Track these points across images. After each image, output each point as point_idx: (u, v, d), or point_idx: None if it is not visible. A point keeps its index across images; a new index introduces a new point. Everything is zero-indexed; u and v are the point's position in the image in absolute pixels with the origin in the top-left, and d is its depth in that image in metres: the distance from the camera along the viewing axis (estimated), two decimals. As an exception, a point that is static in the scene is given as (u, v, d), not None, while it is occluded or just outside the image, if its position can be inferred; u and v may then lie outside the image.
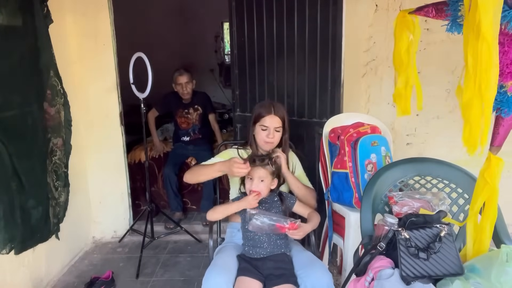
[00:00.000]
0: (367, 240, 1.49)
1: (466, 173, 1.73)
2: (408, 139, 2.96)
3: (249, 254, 1.76)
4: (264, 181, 1.77)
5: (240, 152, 2.02)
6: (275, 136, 1.94)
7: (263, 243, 1.74)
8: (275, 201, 1.85)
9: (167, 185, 3.28)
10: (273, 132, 1.93)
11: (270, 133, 1.92)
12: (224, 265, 1.66)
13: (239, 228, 1.89)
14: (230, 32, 2.70)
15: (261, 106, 1.99)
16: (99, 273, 2.52)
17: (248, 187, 1.78)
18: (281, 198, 1.86)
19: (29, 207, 2.18)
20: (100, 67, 2.86)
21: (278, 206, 1.84)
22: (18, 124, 2.13)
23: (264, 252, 1.74)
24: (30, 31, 2.23)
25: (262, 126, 1.93)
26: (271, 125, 1.92)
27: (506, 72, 1.28)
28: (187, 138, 3.46)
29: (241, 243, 1.84)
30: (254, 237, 1.76)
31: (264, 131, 1.93)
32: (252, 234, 1.75)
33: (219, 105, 4.66)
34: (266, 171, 1.78)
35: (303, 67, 2.49)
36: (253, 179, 1.77)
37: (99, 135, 2.95)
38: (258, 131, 1.95)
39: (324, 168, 2.27)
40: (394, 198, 1.64)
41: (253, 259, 1.73)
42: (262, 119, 1.94)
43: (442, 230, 1.39)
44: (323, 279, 1.58)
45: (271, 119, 1.93)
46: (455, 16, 1.33)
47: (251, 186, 1.77)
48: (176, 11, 5.12)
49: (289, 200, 1.88)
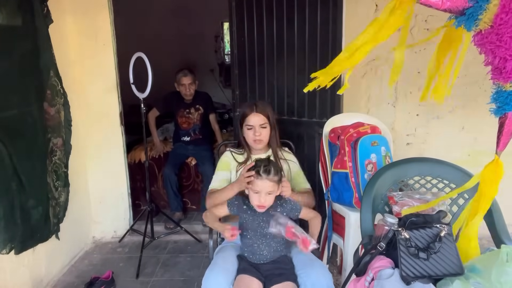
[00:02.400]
0: (367, 240, 1.49)
1: (466, 173, 1.73)
2: (408, 139, 2.96)
3: (249, 258, 1.74)
4: (271, 193, 1.69)
5: (234, 156, 2.04)
6: (262, 133, 1.96)
7: (262, 251, 1.72)
8: (278, 211, 1.72)
9: (167, 185, 3.29)
10: (259, 130, 1.95)
11: (256, 131, 1.94)
12: (224, 264, 1.66)
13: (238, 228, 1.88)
14: (230, 32, 2.70)
15: (244, 106, 2.03)
16: (99, 273, 2.51)
17: (256, 202, 1.68)
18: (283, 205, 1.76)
19: (29, 207, 2.18)
20: (100, 67, 2.86)
21: (280, 211, 1.74)
22: (18, 124, 2.13)
23: (264, 259, 1.72)
24: (30, 31, 2.23)
25: (248, 126, 1.96)
26: (255, 123, 1.95)
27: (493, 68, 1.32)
28: (187, 138, 3.46)
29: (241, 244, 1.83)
30: (253, 245, 1.72)
31: (250, 130, 1.96)
32: (251, 241, 1.73)
33: (219, 105, 4.66)
34: (272, 184, 1.67)
35: (303, 67, 2.49)
36: (260, 193, 1.67)
37: (99, 135, 2.95)
38: (245, 131, 1.99)
39: (324, 168, 2.26)
40: (394, 198, 1.64)
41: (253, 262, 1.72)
42: (246, 118, 1.97)
43: (442, 230, 1.39)
44: (323, 279, 1.58)
45: (254, 117, 1.95)
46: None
47: (259, 201, 1.67)
48: (176, 11, 5.11)
49: (294, 212, 1.76)
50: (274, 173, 1.66)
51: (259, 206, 1.67)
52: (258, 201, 1.67)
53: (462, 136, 2.90)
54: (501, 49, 1.30)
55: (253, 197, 1.69)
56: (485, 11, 1.29)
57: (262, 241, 1.71)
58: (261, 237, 1.71)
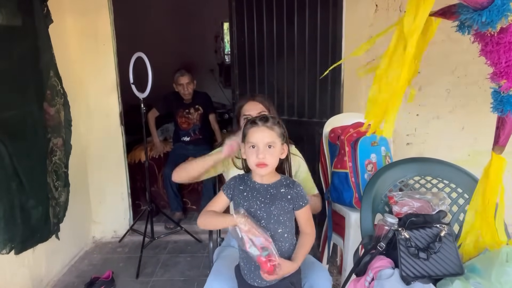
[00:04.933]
0: (367, 240, 1.49)
1: (466, 173, 1.73)
2: (408, 139, 2.96)
3: (247, 278, 1.41)
4: (273, 147, 1.35)
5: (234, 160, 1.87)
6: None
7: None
8: (281, 192, 1.40)
9: (167, 185, 3.29)
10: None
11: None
12: (225, 271, 1.56)
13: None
14: (230, 32, 2.71)
15: (240, 99, 1.87)
16: (99, 273, 2.52)
17: (253, 159, 1.34)
18: (288, 189, 1.41)
19: (29, 207, 2.18)
20: (100, 67, 2.86)
21: (284, 199, 1.39)
22: (18, 124, 2.12)
23: (266, 282, 1.36)
24: (30, 31, 2.23)
25: (244, 116, 1.78)
26: (253, 111, 1.75)
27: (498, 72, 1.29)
28: (187, 138, 3.46)
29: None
30: (251, 261, 1.35)
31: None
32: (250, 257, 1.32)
33: (219, 105, 4.66)
34: (272, 133, 1.35)
35: (303, 67, 2.49)
36: (257, 145, 1.34)
37: (99, 135, 2.95)
38: (242, 125, 1.69)
39: (324, 168, 2.27)
40: (394, 198, 1.64)
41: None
42: (242, 109, 1.81)
43: (442, 230, 1.39)
44: (322, 281, 1.56)
45: (250, 106, 1.78)
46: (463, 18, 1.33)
47: (257, 157, 1.33)
48: (176, 11, 5.11)
49: (298, 201, 1.40)
50: (273, 122, 1.37)
51: (258, 164, 1.33)
52: (256, 157, 1.33)
53: (462, 136, 2.90)
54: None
55: (250, 153, 1.35)
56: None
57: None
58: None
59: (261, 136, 1.35)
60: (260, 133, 1.35)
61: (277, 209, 1.37)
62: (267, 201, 1.38)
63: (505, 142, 1.40)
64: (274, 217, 1.37)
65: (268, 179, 1.41)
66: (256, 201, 1.38)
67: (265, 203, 1.38)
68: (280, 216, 1.38)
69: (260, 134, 1.35)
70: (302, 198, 1.41)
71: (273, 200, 1.38)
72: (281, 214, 1.38)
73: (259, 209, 1.38)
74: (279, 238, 1.37)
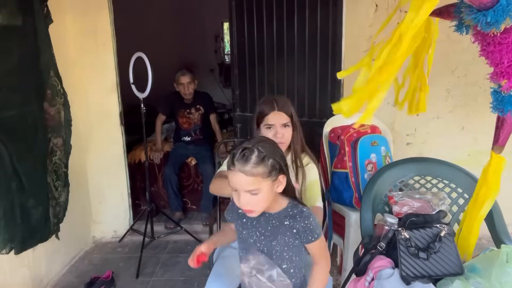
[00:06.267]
0: (367, 240, 1.49)
1: (466, 173, 1.73)
2: (408, 139, 2.96)
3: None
4: (255, 192, 1.12)
5: None
6: (285, 134, 1.61)
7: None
8: (285, 224, 1.19)
9: (167, 185, 3.29)
10: (281, 130, 1.59)
11: (277, 131, 1.58)
12: (225, 271, 1.55)
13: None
14: (230, 32, 2.71)
15: (263, 103, 1.66)
16: (99, 273, 2.52)
17: (237, 204, 1.17)
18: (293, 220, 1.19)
19: (29, 207, 2.18)
20: (100, 67, 2.86)
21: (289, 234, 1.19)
22: (18, 124, 2.12)
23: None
24: (30, 31, 2.23)
25: (267, 125, 1.61)
26: (277, 122, 1.60)
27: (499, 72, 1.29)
28: (188, 138, 3.46)
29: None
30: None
31: (269, 130, 1.60)
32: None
33: (219, 105, 4.66)
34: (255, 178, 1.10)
35: (303, 67, 2.49)
36: (238, 191, 1.14)
37: (99, 135, 2.95)
38: (263, 132, 1.62)
39: (324, 168, 2.27)
40: (394, 198, 1.64)
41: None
42: (265, 118, 1.61)
43: (442, 230, 1.39)
44: None
45: (274, 116, 1.60)
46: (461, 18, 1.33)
47: (238, 202, 1.15)
48: (176, 11, 5.11)
49: (307, 235, 1.19)
50: (256, 162, 1.10)
51: (244, 210, 1.18)
52: (237, 202, 1.17)
53: (462, 136, 2.90)
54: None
55: (234, 196, 1.18)
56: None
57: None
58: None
59: (239, 182, 1.12)
60: (237, 178, 1.12)
61: (279, 245, 1.20)
62: (268, 234, 1.21)
63: (504, 141, 1.40)
64: (277, 252, 1.21)
65: (270, 207, 1.21)
66: (256, 232, 1.23)
67: (266, 235, 1.21)
68: (284, 252, 1.21)
69: (237, 180, 1.12)
70: (311, 233, 1.18)
71: (274, 233, 1.20)
72: (285, 250, 1.21)
73: (259, 242, 1.22)
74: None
